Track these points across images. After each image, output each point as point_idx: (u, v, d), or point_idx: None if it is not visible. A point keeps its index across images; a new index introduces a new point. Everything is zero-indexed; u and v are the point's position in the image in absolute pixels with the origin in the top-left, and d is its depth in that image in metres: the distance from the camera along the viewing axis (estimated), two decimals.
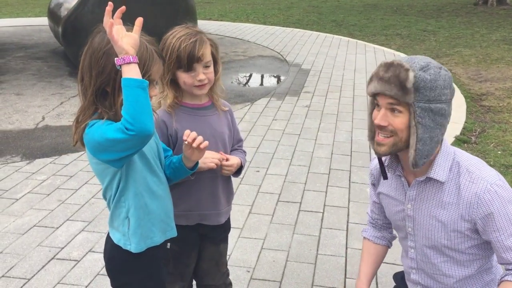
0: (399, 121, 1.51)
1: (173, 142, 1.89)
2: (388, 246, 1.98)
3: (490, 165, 4.27)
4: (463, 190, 1.54)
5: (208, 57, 1.82)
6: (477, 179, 1.53)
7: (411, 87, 1.45)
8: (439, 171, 1.57)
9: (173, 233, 1.78)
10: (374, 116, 1.56)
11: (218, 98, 1.98)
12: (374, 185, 1.86)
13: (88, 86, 1.50)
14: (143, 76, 1.42)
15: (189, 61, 1.78)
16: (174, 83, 1.87)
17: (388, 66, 1.50)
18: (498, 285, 1.56)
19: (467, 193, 1.54)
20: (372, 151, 4.54)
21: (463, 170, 1.56)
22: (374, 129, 1.60)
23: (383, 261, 2.92)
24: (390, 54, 8.68)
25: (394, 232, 1.95)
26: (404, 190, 1.69)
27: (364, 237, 1.98)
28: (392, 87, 1.47)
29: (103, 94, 1.50)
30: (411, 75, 1.45)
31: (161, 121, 1.88)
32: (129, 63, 1.37)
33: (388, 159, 1.70)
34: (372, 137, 1.61)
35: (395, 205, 1.74)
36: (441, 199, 1.60)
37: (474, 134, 5.05)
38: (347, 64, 8.00)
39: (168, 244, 1.79)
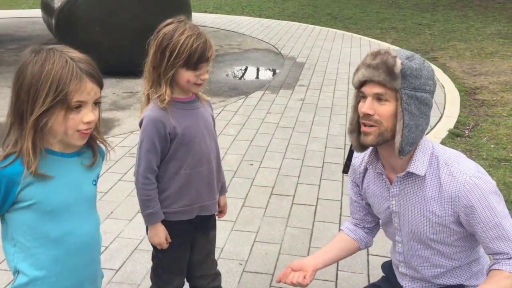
0: (384, 109, 1.53)
1: (171, 139, 1.88)
2: (359, 244, 1.92)
3: (483, 159, 4.31)
4: (443, 184, 1.56)
5: (213, 57, 1.85)
6: (456, 172, 1.55)
7: (399, 73, 1.49)
8: (417, 165, 1.59)
9: None
10: (360, 107, 1.58)
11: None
12: (357, 184, 1.86)
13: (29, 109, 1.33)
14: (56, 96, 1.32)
15: (199, 61, 1.79)
16: (170, 80, 1.85)
17: (376, 54, 1.54)
18: (487, 274, 1.57)
19: (448, 186, 1.55)
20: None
21: (442, 164, 1.58)
22: (354, 123, 1.63)
23: (376, 254, 2.96)
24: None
25: (371, 238, 1.95)
26: (387, 187, 1.70)
27: (340, 229, 1.98)
28: (380, 72, 1.51)
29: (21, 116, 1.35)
30: (398, 61, 1.50)
31: (158, 122, 1.84)
32: None
33: (368, 155, 1.71)
34: (351, 130, 1.64)
35: (381, 203, 1.75)
36: (424, 194, 1.61)
37: (468, 127, 5.06)
38: (342, 57, 7.99)
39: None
